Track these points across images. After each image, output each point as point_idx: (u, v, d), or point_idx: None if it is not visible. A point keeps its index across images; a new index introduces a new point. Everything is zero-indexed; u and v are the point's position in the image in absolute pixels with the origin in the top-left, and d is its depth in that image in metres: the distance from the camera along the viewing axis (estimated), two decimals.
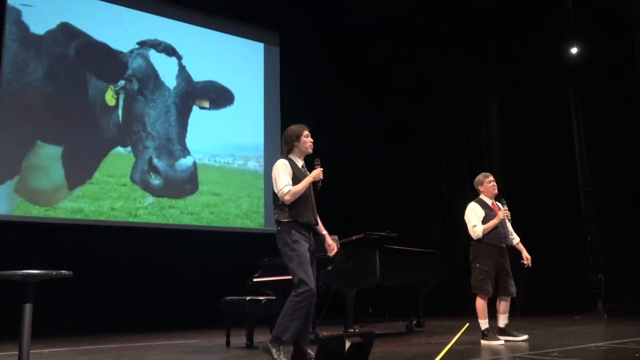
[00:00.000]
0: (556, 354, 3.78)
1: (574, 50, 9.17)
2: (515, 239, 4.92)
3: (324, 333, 3.44)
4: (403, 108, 10.51)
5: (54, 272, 2.65)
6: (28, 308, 2.58)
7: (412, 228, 8.70)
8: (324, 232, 3.75)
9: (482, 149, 9.98)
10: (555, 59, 9.15)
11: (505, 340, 4.55)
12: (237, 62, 9.33)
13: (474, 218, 4.74)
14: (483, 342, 4.56)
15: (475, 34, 9.87)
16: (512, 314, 7.12)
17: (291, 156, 3.73)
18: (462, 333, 5.60)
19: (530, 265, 4.81)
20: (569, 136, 9.20)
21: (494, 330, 4.63)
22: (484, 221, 4.70)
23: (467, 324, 6.52)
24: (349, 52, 10.19)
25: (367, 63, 10.45)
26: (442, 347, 4.29)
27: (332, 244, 3.74)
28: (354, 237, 5.54)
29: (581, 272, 8.63)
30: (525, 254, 4.83)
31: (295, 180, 3.59)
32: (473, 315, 4.83)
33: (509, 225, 4.87)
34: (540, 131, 9.03)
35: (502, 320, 4.73)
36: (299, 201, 3.57)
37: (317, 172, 3.63)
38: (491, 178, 4.89)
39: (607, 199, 8.20)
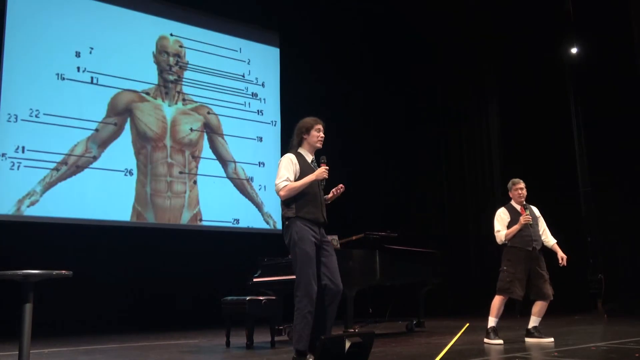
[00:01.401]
0: (556, 354, 3.78)
1: (574, 50, 9.17)
2: (552, 241, 4.92)
3: None
4: (403, 108, 10.52)
5: (54, 272, 2.64)
6: (28, 308, 2.57)
7: (412, 228, 8.71)
8: None
9: (482, 149, 9.99)
10: (555, 59, 9.15)
11: (529, 341, 4.58)
12: (236, 62, 9.31)
13: (498, 224, 4.83)
14: (485, 340, 4.60)
15: (475, 34, 9.88)
16: (512, 313, 7.14)
17: (301, 150, 3.59)
18: (462, 333, 5.60)
19: (565, 264, 4.78)
20: (569, 136, 9.20)
21: (499, 331, 4.64)
22: (509, 226, 4.75)
23: (467, 324, 6.52)
24: (348, 52, 10.18)
25: (366, 63, 10.45)
26: (442, 347, 4.29)
27: None
28: (354, 237, 5.55)
29: (581, 272, 8.62)
30: (560, 254, 4.83)
31: (302, 176, 3.46)
32: (473, 315, 4.83)
33: (542, 227, 4.89)
34: (540, 131, 9.03)
35: (532, 322, 4.74)
36: (308, 198, 3.46)
37: (321, 171, 3.47)
38: (520, 185, 4.90)
39: (607, 199, 8.20)
